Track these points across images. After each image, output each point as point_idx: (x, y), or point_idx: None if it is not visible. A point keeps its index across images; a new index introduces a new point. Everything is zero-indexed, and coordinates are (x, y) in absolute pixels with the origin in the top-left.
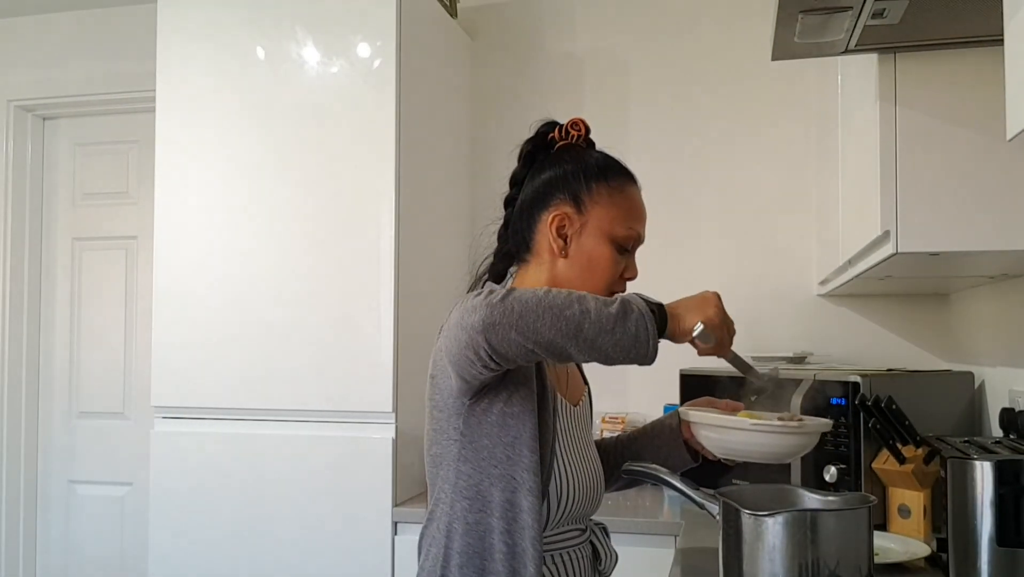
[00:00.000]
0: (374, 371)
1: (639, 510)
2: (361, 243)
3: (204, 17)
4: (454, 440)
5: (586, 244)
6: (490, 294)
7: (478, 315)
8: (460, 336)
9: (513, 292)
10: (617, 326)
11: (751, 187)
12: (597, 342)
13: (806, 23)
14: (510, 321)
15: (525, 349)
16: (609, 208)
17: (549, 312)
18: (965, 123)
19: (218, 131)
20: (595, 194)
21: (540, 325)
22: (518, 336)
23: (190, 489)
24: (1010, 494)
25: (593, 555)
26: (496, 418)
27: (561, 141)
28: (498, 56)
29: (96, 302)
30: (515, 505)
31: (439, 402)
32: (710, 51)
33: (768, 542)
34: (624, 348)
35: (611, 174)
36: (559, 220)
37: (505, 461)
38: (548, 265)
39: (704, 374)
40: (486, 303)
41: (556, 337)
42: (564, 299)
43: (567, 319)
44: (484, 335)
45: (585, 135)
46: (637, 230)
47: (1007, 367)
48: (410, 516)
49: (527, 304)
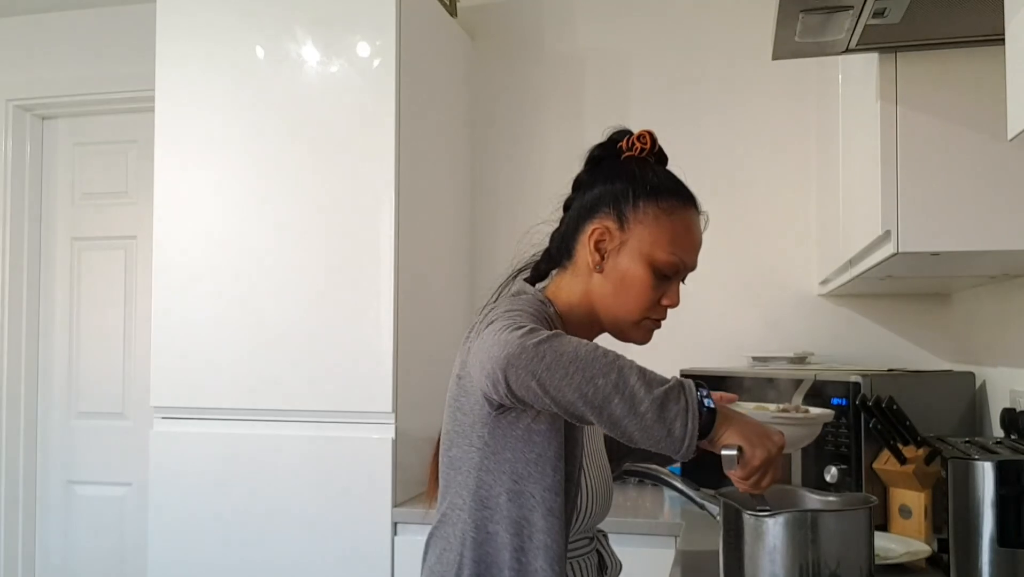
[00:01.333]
0: (374, 371)
1: (639, 511)
2: (361, 243)
3: (203, 17)
4: (477, 448)
5: (622, 263)
6: (529, 333)
7: (507, 350)
8: (485, 363)
9: (553, 340)
10: (651, 413)
11: (751, 187)
12: (623, 422)
13: (807, 22)
14: (535, 369)
15: (540, 400)
16: (653, 230)
17: (580, 373)
18: (965, 123)
19: (217, 131)
20: (641, 213)
21: (564, 383)
22: (538, 387)
23: (190, 489)
24: (1011, 494)
25: (599, 563)
26: (522, 433)
27: (627, 152)
28: (498, 56)
29: (95, 302)
30: (532, 524)
31: (464, 405)
32: (710, 51)
33: (769, 542)
34: (654, 437)
35: (664, 195)
36: (599, 234)
37: (526, 477)
38: (584, 277)
39: (705, 374)
40: (520, 341)
41: (577, 401)
42: (602, 365)
43: (596, 388)
44: (505, 373)
45: (651, 149)
46: (681, 257)
47: (1008, 367)
48: (410, 516)
49: (560, 357)
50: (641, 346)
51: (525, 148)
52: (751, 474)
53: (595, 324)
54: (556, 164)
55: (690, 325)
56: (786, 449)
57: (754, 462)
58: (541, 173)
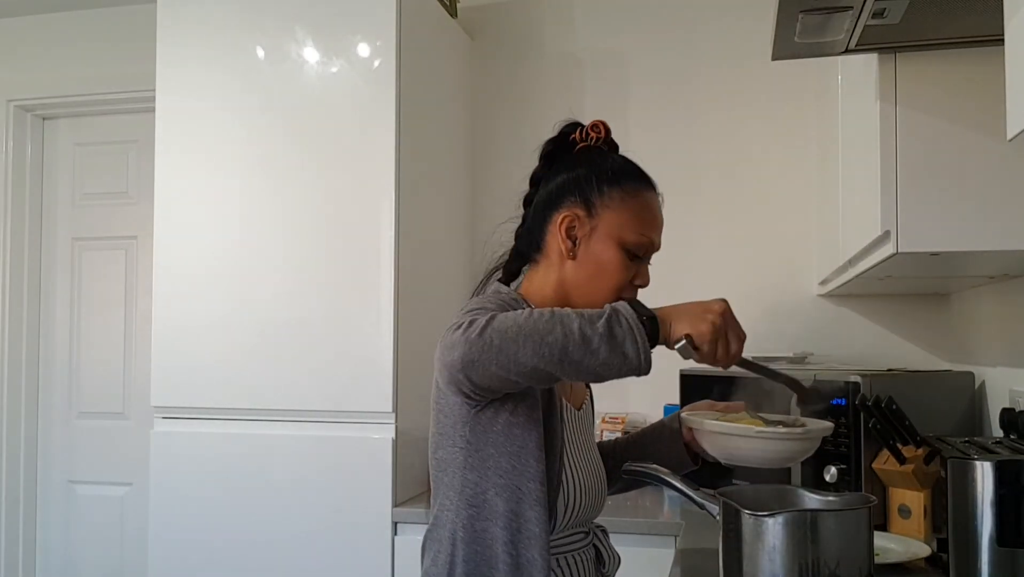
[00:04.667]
0: (374, 371)
1: (639, 510)
2: (361, 242)
3: (204, 17)
4: (460, 447)
5: (595, 247)
6: (469, 327)
7: (457, 352)
8: (443, 371)
9: (492, 322)
10: (603, 344)
11: (751, 187)
12: (584, 363)
13: (806, 23)
14: (489, 356)
15: (509, 381)
16: (620, 213)
17: (530, 340)
18: (965, 123)
19: (218, 131)
20: (607, 198)
21: (521, 355)
22: (499, 370)
23: (190, 489)
24: (1010, 494)
25: (596, 558)
26: (502, 428)
27: (581, 143)
28: (498, 56)
29: (96, 302)
30: (520, 516)
31: (444, 407)
32: (710, 51)
33: (768, 542)
34: (614, 366)
35: (626, 178)
36: (568, 221)
37: (511, 471)
38: (557, 267)
39: (704, 374)
40: (464, 338)
41: (539, 364)
42: (546, 323)
43: (549, 345)
44: (464, 373)
45: (605, 137)
46: (650, 237)
47: (1007, 367)
48: (410, 516)
49: (506, 334)
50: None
51: (525, 147)
52: (712, 348)
53: None
54: None
55: None
56: (787, 463)
57: (704, 339)
58: None
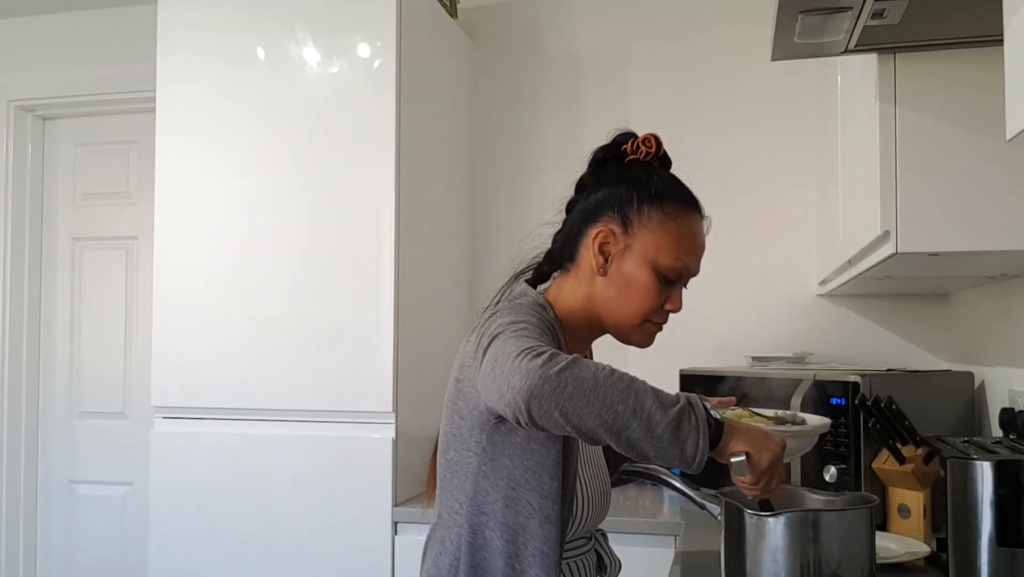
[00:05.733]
0: (374, 371)
1: (639, 510)
2: (361, 243)
3: (204, 17)
4: (475, 453)
5: (626, 266)
6: (549, 361)
7: (529, 381)
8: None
9: (573, 367)
10: (667, 432)
11: (751, 187)
12: (640, 443)
13: (806, 23)
14: (558, 400)
15: (559, 427)
16: (658, 234)
17: (600, 401)
18: (965, 123)
19: (218, 131)
20: (645, 217)
21: (586, 412)
22: (560, 416)
23: (190, 489)
24: (1010, 494)
25: (597, 563)
26: (520, 441)
27: (632, 155)
28: (498, 57)
29: (96, 302)
30: (527, 531)
31: (462, 409)
32: (710, 51)
33: (771, 542)
34: (668, 456)
35: (668, 199)
36: (603, 236)
37: (523, 485)
38: (587, 280)
39: (704, 374)
40: (542, 371)
41: (597, 428)
42: (620, 391)
43: (616, 413)
44: (527, 404)
45: (655, 153)
46: (685, 262)
47: (1007, 367)
48: (410, 516)
49: (581, 386)
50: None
51: (525, 148)
52: (760, 477)
53: (596, 327)
54: (556, 164)
55: (690, 325)
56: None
57: (762, 464)
58: (541, 173)
